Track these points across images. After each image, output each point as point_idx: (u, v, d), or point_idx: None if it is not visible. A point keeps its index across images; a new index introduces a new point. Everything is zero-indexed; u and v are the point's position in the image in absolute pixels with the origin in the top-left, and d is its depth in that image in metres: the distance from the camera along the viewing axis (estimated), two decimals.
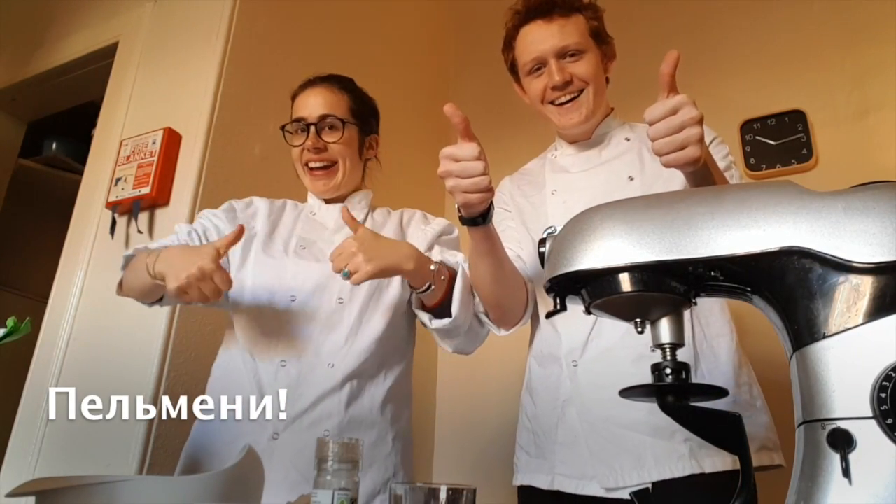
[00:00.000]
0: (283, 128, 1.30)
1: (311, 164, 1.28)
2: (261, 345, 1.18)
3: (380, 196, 1.45)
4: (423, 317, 1.17)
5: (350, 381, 1.16)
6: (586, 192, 1.17)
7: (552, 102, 1.20)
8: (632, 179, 1.15)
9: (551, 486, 1.10)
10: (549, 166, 1.30)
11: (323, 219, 1.31)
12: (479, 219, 1.05)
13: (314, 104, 1.29)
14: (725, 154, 1.14)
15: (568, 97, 1.18)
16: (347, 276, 1.02)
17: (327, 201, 1.32)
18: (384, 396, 1.20)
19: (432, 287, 1.11)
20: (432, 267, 1.11)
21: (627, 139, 1.22)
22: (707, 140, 0.96)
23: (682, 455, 0.98)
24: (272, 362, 1.16)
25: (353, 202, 1.33)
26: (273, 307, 1.19)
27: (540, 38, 1.18)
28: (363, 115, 1.34)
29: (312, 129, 1.26)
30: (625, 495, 0.99)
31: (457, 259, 1.20)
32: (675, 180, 1.02)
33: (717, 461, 0.97)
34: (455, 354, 1.27)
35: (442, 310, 1.14)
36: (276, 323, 1.18)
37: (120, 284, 1.22)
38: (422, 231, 1.33)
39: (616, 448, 1.03)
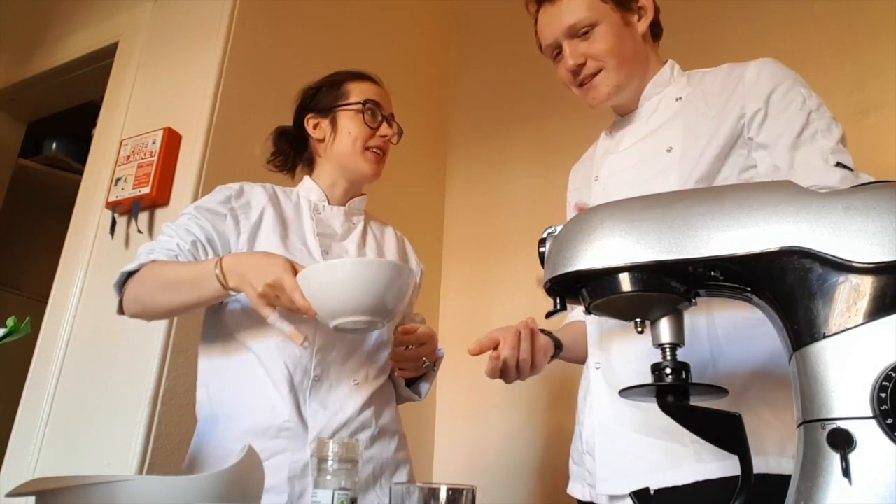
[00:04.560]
0: (364, 103, 1.27)
1: (377, 150, 1.29)
2: (285, 350, 1.14)
3: (380, 196, 1.45)
4: (399, 384, 1.30)
5: (374, 396, 1.20)
6: (626, 173, 1.10)
7: (579, 85, 1.13)
8: (670, 150, 1.04)
9: (584, 496, 1.05)
10: (599, 147, 1.22)
11: (329, 220, 1.29)
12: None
13: (386, 99, 1.32)
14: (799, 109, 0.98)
15: (586, 78, 1.11)
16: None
17: (330, 202, 1.30)
18: (395, 408, 1.27)
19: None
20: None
21: (679, 98, 1.10)
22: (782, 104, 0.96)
23: (688, 460, 0.90)
24: (305, 372, 1.14)
25: (354, 207, 1.32)
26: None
27: (548, 21, 1.12)
28: None
29: (386, 121, 1.29)
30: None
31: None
32: (712, 147, 0.99)
33: (726, 465, 0.87)
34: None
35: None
36: (310, 330, 1.14)
37: (121, 304, 1.17)
38: (417, 266, 1.42)
39: (619, 451, 0.97)
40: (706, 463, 0.88)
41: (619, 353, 1.02)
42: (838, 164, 0.92)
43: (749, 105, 0.99)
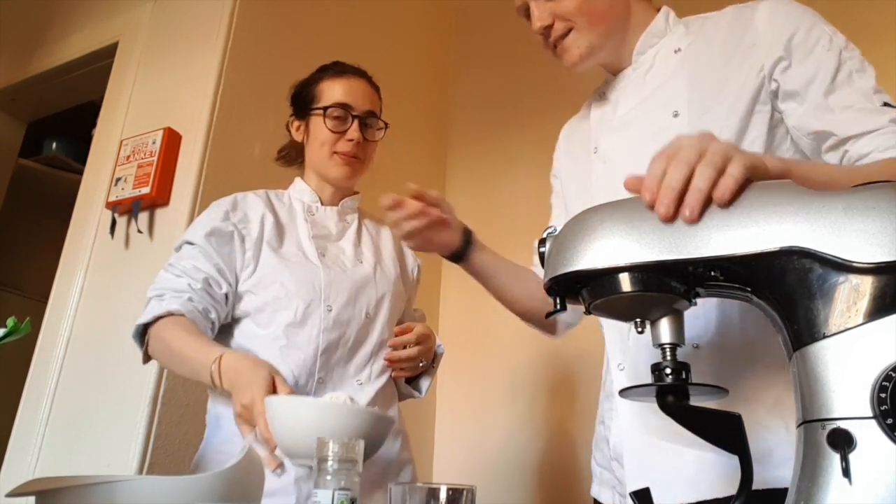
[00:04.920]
0: (325, 108, 1.24)
1: (346, 155, 1.25)
2: (290, 354, 1.14)
3: (379, 196, 1.44)
4: (400, 381, 1.29)
5: (377, 395, 1.20)
6: (629, 144, 0.95)
7: (553, 48, 1.00)
8: (676, 115, 0.90)
9: (613, 501, 0.97)
10: (593, 111, 1.06)
11: (323, 221, 1.29)
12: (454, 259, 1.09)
13: (361, 96, 1.26)
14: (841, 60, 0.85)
15: (556, 40, 0.98)
16: None
17: (323, 203, 1.30)
18: (397, 408, 1.28)
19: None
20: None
21: (678, 50, 0.96)
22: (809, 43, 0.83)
23: (732, 470, 0.78)
24: (309, 375, 1.14)
25: (347, 206, 1.32)
26: (309, 317, 1.16)
27: None
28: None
29: (356, 121, 1.24)
30: None
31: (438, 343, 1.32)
32: (735, 111, 0.86)
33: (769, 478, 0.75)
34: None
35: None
36: (313, 334, 1.16)
37: (146, 354, 1.14)
38: (414, 262, 1.42)
39: (652, 462, 0.88)
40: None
41: (646, 354, 0.91)
42: (885, 105, 0.82)
43: (768, 55, 0.86)
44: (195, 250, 1.16)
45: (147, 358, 1.14)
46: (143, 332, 1.13)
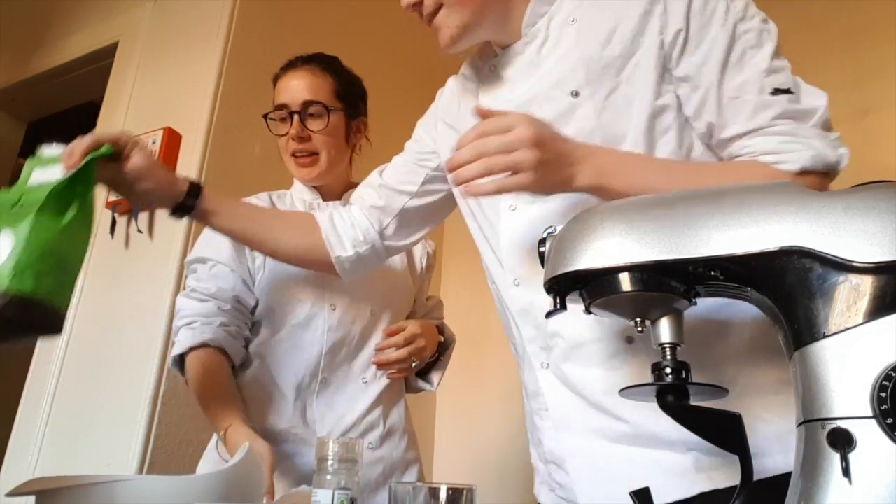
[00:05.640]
0: (265, 116, 1.24)
1: (296, 153, 1.22)
2: (295, 356, 1.15)
3: None
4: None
5: (382, 394, 1.20)
6: None
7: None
8: (577, 95, 0.81)
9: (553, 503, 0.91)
10: (484, 92, 0.97)
11: None
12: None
13: (297, 89, 1.22)
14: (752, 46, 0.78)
15: (428, 17, 0.92)
16: None
17: (324, 198, 1.29)
18: (404, 406, 1.27)
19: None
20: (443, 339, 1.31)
21: (573, 21, 0.85)
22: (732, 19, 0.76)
23: (688, 470, 0.76)
24: (313, 375, 1.15)
25: (347, 201, 1.32)
26: (314, 318, 1.17)
27: None
28: (349, 98, 1.27)
29: (296, 117, 1.20)
30: None
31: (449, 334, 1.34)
32: (644, 95, 0.79)
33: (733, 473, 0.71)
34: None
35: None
36: (317, 334, 1.16)
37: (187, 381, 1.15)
38: (423, 250, 1.39)
39: (604, 469, 0.81)
40: (709, 471, 0.74)
41: (576, 350, 0.82)
42: (775, 92, 0.76)
43: (668, 26, 0.78)
44: (217, 268, 1.16)
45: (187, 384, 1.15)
46: (180, 360, 1.14)
